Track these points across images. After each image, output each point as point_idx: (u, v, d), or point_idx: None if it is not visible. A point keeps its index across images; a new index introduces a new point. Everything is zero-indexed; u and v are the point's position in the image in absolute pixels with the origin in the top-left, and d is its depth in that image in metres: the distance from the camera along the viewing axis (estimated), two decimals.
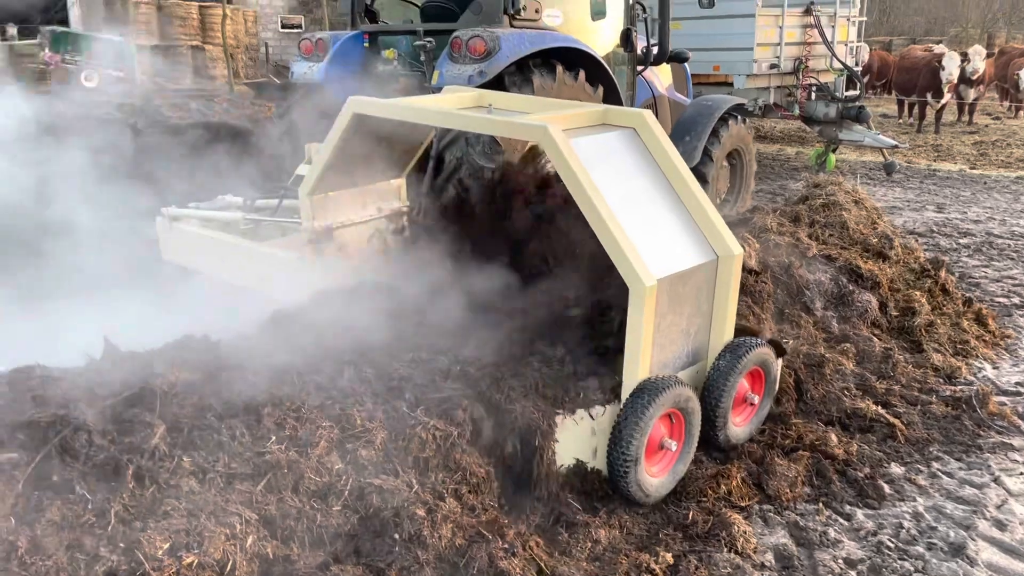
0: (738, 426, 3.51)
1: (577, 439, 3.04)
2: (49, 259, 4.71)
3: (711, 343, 3.45)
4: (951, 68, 14.50)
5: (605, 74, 5.86)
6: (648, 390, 3.03)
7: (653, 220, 3.25)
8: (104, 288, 4.37)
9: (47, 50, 19.12)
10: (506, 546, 2.54)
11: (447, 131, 5.10)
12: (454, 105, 3.91)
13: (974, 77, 15.38)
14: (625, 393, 3.07)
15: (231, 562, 2.16)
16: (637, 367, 3.05)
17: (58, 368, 2.60)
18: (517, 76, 5.28)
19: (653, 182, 3.39)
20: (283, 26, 26.42)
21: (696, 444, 3.29)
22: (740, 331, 3.60)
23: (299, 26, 26.10)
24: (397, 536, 2.42)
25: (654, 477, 3.13)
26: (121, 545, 2.10)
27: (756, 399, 3.57)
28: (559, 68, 5.45)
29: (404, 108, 3.79)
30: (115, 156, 6.32)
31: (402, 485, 2.52)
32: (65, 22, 21.43)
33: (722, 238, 3.34)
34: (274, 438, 2.52)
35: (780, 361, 3.72)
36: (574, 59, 5.61)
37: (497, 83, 5.17)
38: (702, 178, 6.79)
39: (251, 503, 2.33)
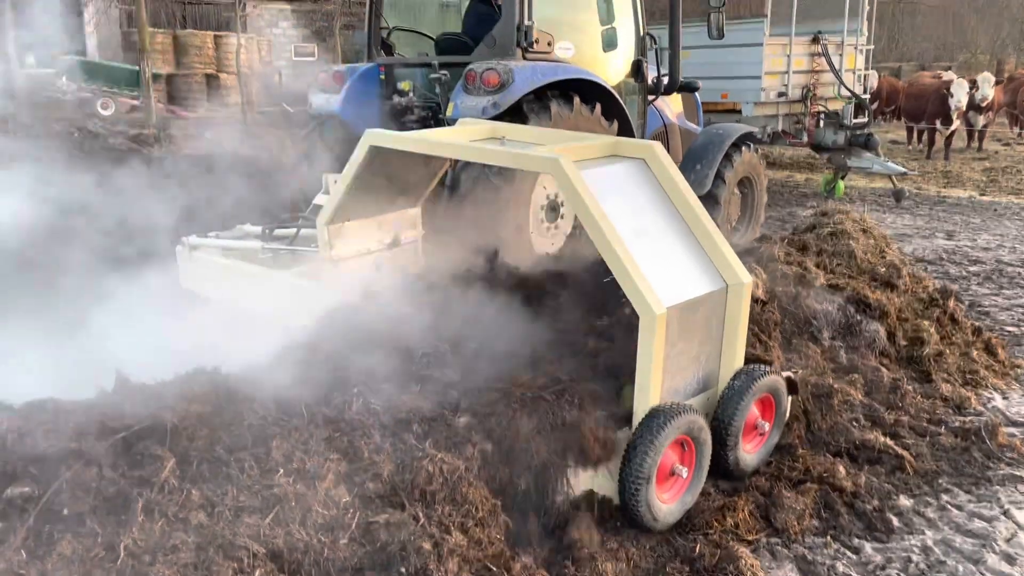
0: (749, 453, 3.53)
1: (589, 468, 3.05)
2: (66, 288, 4.77)
3: (722, 370, 3.48)
4: (959, 95, 14.53)
5: (616, 104, 5.95)
6: (659, 416, 3.05)
7: (663, 249, 3.30)
8: (122, 316, 4.42)
9: (64, 78, 19.46)
10: None
11: None
12: (468, 137, 4.00)
13: (983, 104, 15.41)
14: (636, 420, 3.10)
15: None
16: (648, 394, 3.09)
17: (71, 401, 2.63)
18: (536, 104, 5.39)
19: (663, 212, 3.45)
20: (296, 55, 26.79)
21: (706, 473, 3.31)
22: (750, 361, 3.62)
23: (312, 55, 26.44)
24: (404, 570, 2.42)
25: (665, 503, 3.15)
26: None
27: (767, 427, 3.59)
28: (576, 99, 5.54)
29: (420, 140, 3.88)
30: (131, 184, 6.42)
31: (408, 518, 2.54)
32: (83, 51, 21.80)
33: (731, 267, 3.39)
34: (282, 471, 2.54)
35: (790, 398, 3.73)
36: (586, 90, 5.69)
37: (516, 111, 5.26)
38: (715, 202, 6.84)
39: (259, 536, 2.35)
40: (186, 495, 2.36)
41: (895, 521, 3.32)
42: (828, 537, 3.21)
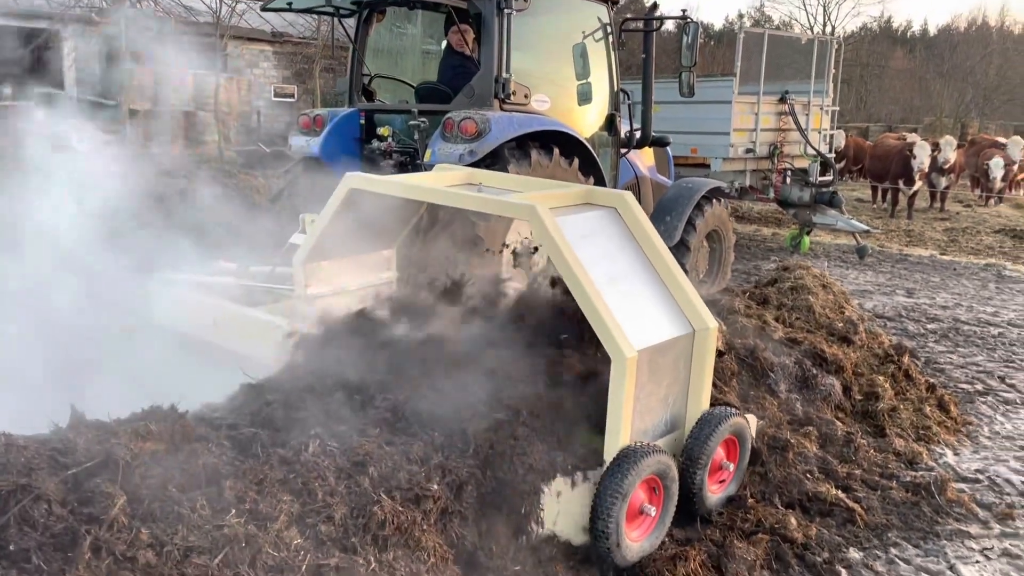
0: (714, 493, 3.64)
1: (555, 509, 3.10)
2: (31, 322, 4.73)
3: (688, 412, 3.58)
4: (922, 157, 14.96)
5: (589, 155, 6.10)
6: (630, 457, 3.12)
7: (634, 294, 3.43)
8: (88, 352, 4.39)
9: (40, 112, 19.42)
10: None
11: None
12: (446, 183, 4.10)
13: (945, 166, 15.87)
14: (607, 460, 3.17)
15: None
16: (619, 435, 3.16)
17: (23, 436, 2.62)
18: (517, 151, 5.57)
19: (633, 259, 3.58)
20: (276, 95, 26.94)
21: (673, 512, 3.38)
22: (716, 404, 3.73)
23: (292, 96, 26.63)
24: None
25: (633, 542, 3.21)
26: None
27: (731, 467, 3.71)
28: (556, 150, 5.69)
29: (398, 185, 3.98)
30: (104, 220, 6.40)
31: (360, 563, 2.54)
32: (60, 85, 21.80)
33: (698, 312, 3.52)
34: (234, 511, 2.54)
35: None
36: (561, 141, 5.84)
37: (497, 156, 5.44)
38: (684, 253, 6.99)
39: None
40: (135, 534, 2.34)
41: (844, 573, 3.37)
42: None
